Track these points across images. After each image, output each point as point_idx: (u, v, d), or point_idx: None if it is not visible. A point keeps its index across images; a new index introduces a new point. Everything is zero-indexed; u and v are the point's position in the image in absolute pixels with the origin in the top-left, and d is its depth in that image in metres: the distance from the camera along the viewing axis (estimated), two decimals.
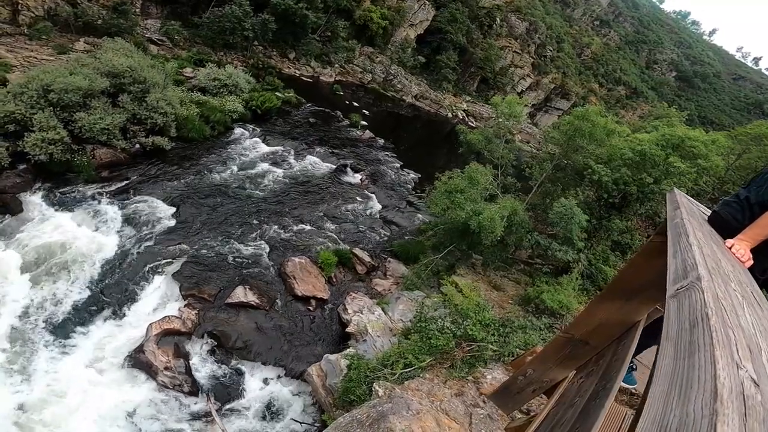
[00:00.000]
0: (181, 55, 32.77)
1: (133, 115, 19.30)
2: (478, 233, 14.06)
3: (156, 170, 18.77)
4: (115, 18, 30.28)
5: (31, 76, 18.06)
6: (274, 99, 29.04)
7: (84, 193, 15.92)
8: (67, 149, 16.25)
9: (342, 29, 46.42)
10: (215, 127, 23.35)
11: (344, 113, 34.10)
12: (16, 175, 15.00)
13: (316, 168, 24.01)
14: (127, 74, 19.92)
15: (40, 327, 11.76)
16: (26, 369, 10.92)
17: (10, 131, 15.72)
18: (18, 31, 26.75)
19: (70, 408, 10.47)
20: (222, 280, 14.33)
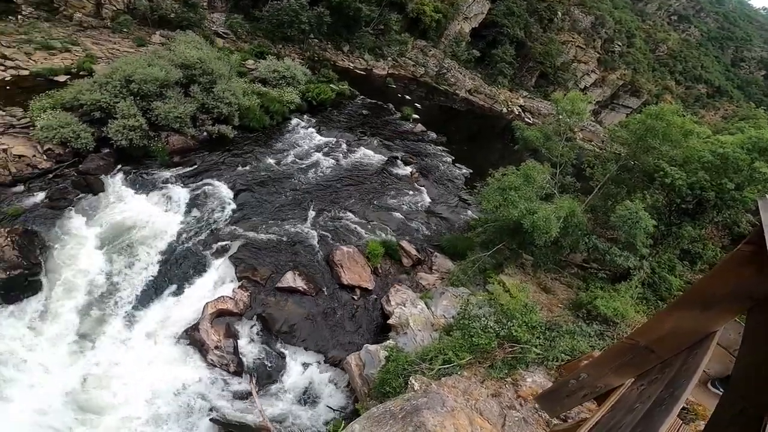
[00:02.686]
0: (243, 47, 34.47)
1: (202, 105, 20.69)
2: (530, 233, 13.56)
3: (220, 157, 20.04)
4: (186, 12, 32.46)
5: (114, 68, 19.90)
6: (328, 91, 29.78)
7: (157, 177, 17.36)
8: (144, 135, 17.84)
9: (395, 22, 46.33)
10: (274, 117, 24.41)
11: (396, 106, 34.17)
12: (100, 158, 16.70)
13: (368, 159, 24.33)
14: (198, 66, 21.35)
15: (110, 301, 12.99)
16: (95, 340, 12.16)
17: (96, 118, 17.52)
18: (102, 24, 29.46)
19: (127, 381, 11.50)
20: (274, 265, 14.93)
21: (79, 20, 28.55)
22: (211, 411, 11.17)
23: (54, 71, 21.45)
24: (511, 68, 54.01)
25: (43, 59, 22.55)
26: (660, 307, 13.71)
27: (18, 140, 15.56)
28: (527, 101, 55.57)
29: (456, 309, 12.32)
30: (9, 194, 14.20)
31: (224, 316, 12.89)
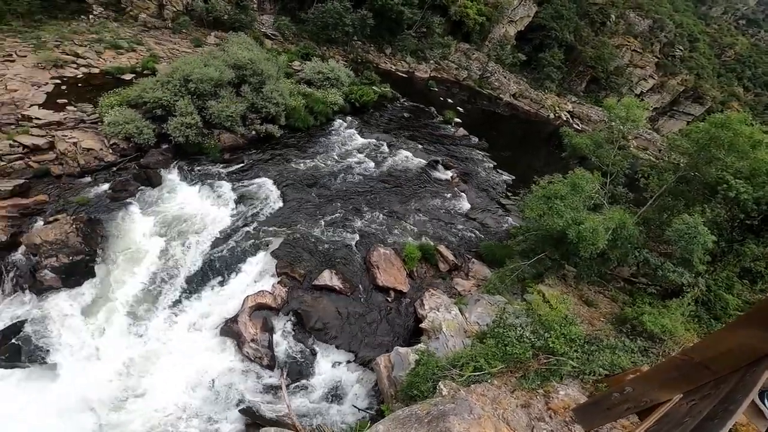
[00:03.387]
0: (290, 49, 35.64)
1: (252, 105, 21.61)
2: (575, 244, 13.05)
3: (267, 155, 20.85)
4: (238, 13, 34.02)
5: (174, 67, 21.20)
6: (371, 93, 30.16)
7: (209, 172, 18.35)
8: (199, 133, 18.92)
9: (437, 25, 46.07)
10: (318, 117, 25.07)
11: (438, 109, 33.99)
12: (159, 153, 17.90)
13: (408, 162, 24.37)
14: (248, 66, 22.29)
15: (160, 289, 13.82)
16: (142, 326, 13.01)
17: (158, 115, 18.76)
18: (163, 24, 31.46)
19: (167, 366, 12.17)
20: (312, 262, 15.27)
21: (144, 21, 30.69)
22: (241, 402, 11.58)
23: (121, 70, 23.18)
24: (560, 72, 52.11)
25: (111, 58, 24.47)
26: (714, 326, 12.93)
27: (87, 134, 17.01)
28: (576, 107, 53.29)
29: (491, 317, 12.16)
30: (77, 185, 15.55)
31: (262, 310, 13.30)
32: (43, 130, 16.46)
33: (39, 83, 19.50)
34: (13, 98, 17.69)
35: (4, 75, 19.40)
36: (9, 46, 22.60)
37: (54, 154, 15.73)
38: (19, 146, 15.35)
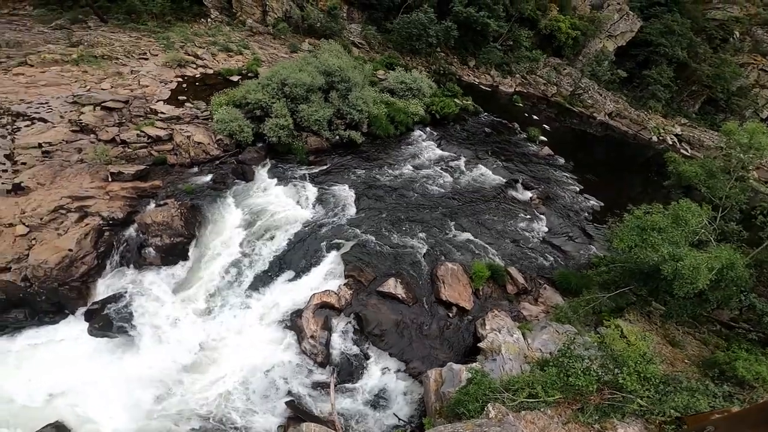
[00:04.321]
0: (375, 58, 36.65)
1: (338, 110, 22.51)
2: (669, 281, 11.93)
3: (348, 160, 21.56)
4: (329, 21, 35.81)
5: (274, 71, 22.82)
6: (452, 105, 29.82)
7: (295, 172, 19.45)
8: (290, 134, 20.14)
9: (525, 38, 44.30)
10: (398, 127, 25.35)
11: (522, 126, 32.47)
12: (255, 151, 19.36)
13: (485, 179, 23.63)
14: (337, 73, 23.26)
15: (239, 277, 14.77)
16: (219, 310, 13.96)
17: (256, 116, 20.33)
18: (266, 30, 34.10)
19: (231, 351, 12.94)
20: (379, 269, 15.45)
21: (250, 26, 33.59)
22: (289, 394, 12.02)
23: (230, 71, 25.56)
24: (668, 91, 46.84)
25: (223, 60, 27.16)
26: None
27: (199, 129, 18.96)
28: (686, 130, 47.55)
29: (556, 345, 11.75)
30: (186, 174, 17.37)
31: (325, 308, 13.73)
32: (165, 123, 18.72)
33: (165, 80, 22.29)
34: (145, 93, 20.40)
35: (139, 72, 22.48)
36: (144, 45, 26.16)
37: (171, 145, 17.79)
38: (145, 136, 17.60)
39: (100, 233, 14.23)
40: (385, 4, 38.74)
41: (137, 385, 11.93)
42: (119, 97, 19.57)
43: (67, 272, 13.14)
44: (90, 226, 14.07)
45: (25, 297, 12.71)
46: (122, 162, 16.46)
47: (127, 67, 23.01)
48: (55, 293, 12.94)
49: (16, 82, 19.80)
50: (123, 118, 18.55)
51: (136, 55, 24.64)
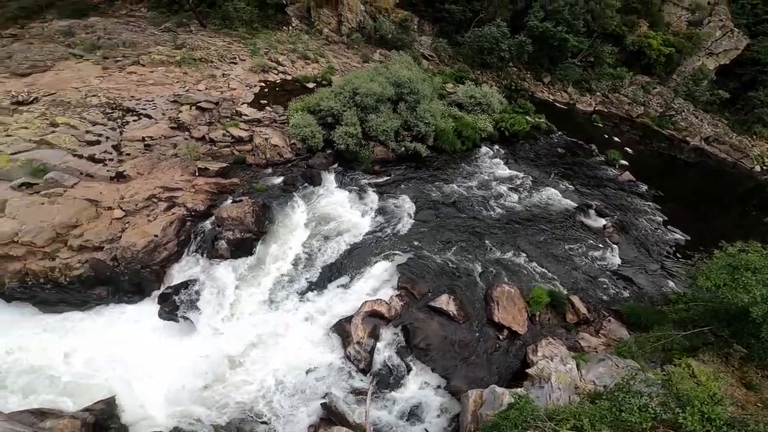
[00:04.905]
0: (445, 70, 36.46)
1: (405, 122, 22.70)
2: (758, 324, 11.08)
3: (411, 173, 21.64)
4: (400, 33, 36.34)
5: (346, 80, 23.63)
6: (523, 122, 28.76)
7: (360, 180, 19.95)
8: (358, 143, 20.69)
9: (608, 55, 41.49)
10: (465, 142, 24.94)
11: (600, 148, 30.27)
12: (323, 157, 20.16)
13: (554, 202, 22.42)
14: (407, 85, 23.51)
15: (297, 277, 15.45)
16: (273, 306, 14.61)
17: (328, 122, 21.17)
18: (341, 39, 35.42)
19: (277, 347, 13.52)
20: (433, 283, 15.38)
21: (326, 35, 35.13)
22: (326, 396, 12.24)
23: (307, 78, 26.94)
24: None
25: (301, 67, 28.72)
26: None
27: (276, 133, 20.18)
28: None
29: (613, 379, 11.39)
30: (260, 174, 18.54)
31: (375, 317, 13.93)
32: (248, 125, 20.22)
33: (250, 84, 24.09)
34: (232, 96, 22.21)
35: (229, 75, 24.50)
36: (235, 50, 28.48)
37: (251, 146, 19.13)
38: (229, 136, 19.13)
39: (183, 223, 15.60)
40: (456, 18, 38.56)
41: (188, 369, 12.84)
42: (211, 98, 21.47)
43: (150, 256, 14.52)
44: (175, 215, 15.48)
45: (111, 276, 14.20)
46: (208, 159, 18.02)
47: (220, 71, 25.17)
48: (137, 275, 14.34)
49: (128, 79, 22.50)
50: (213, 118, 20.32)
51: (228, 60, 26.86)
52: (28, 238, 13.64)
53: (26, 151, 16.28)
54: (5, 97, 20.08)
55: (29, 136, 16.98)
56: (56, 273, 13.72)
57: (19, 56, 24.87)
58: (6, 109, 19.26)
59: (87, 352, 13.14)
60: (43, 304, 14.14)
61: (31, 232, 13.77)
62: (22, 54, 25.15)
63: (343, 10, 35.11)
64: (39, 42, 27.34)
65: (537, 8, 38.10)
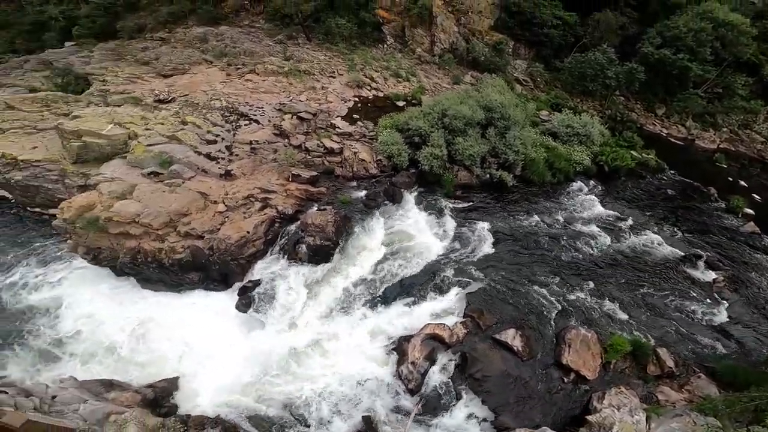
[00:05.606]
0: (540, 96, 34.69)
1: (493, 148, 22.07)
2: None
3: (494, 201, 20.99)
4: (494, 56, 35.34)
5: (436, 101, 23.73)
6: (627, 158, 26.17)
7: (440, 203, 19.89)
8: (442, 165, 20.63)
9: (741, 86, 35.97)
10: (556, 174, 23.47)
11: (721, 192, 26.17)
12: (406, 176, 20.48)
13: (655, 248, 20.02)
14: (498, 110, 22.90)
15: (365, 290, 15.92)
16: (337, 316, 15.11)
17: (414, 142, 21.43)
18: (432, 60, 35.56)
19: (334, 354, 13.97)
20: (502, 316, 14.98)
21: (419, 55, 35.66)
22: (369, 410, 12.43)
23: (397, 96, 27.57)
24: None
25: (392, 85, 29.52)
26: None
27: (364, 147, 21.04)
28: None
29: None
30: (346, 186, 19.48)
31: (435, 340, 13.91)
32: (339, 138, 21.39)
33: (345, 99, 25.45)
34: (329, 108, 23.69)
35: (327, 88, 26.20)
36: (334, 65, 30.38)
37: (340, 158, 20.21)
38: (322, 147, 20.44)
39: (272, 224, 16.92)
40: (556, 42, 36.58)
41: (247, 362, 13.73)
42: (311, 109, 23.12)
43: (240, 250, 15.96)
44: (267, 216, 16.87)
45: (205, 263, 15.85)
46: (302, 166, 19.42)
47: (320, 83, 27.01)
48: (226, 265, 15.84)
49: (245, 86, 25.26)
50: (309, 128, 21.87)
51: (327, 73, 28.73)
52: (147, 220, 15.86)
53: (159, 144, 19.06)
54: (150, 95, 23.83)
55: (163, 131, 19.86)
56: (162, 254, 15.73)
57: (164, 59, 29.32)
58: (150, 106, 22.84)
59: (165, 330, 14.78)
60: (144, 280, 16.30)
61: (150, 215, 16.00)
62: (167, 57, 29.58)
63: (436, 30, 35.47)
64: (181, 46, 31.87)
65: (653, 34, 34.79)
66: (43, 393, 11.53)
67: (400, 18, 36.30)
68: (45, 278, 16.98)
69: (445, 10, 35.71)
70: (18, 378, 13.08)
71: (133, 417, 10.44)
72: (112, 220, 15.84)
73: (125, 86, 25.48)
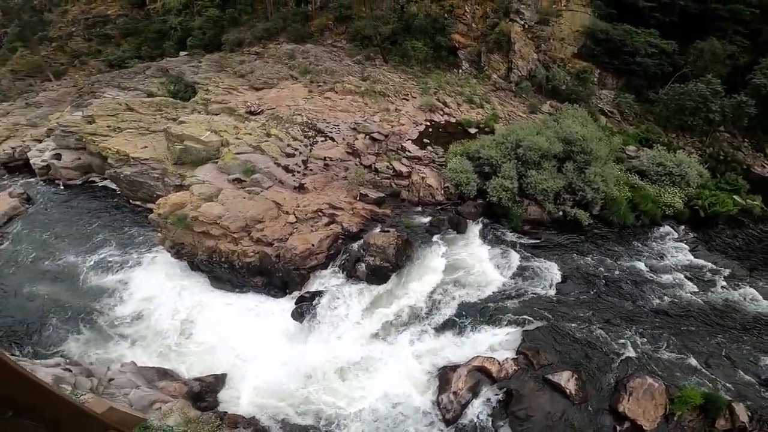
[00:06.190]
0: (627, 130, 32.07)
1: (569, 184, 20.80)
2: None
3: (565, 240, 19.76)
4: (577, 85, 33.29)
5: (510, 130, 22.98)
6: (728, 203, 23.15)
7: (505, 237, 19.23)
8: (511, 198, 19.88)
9: None
10: (641, 217, 21.41)
11: None
12: (472, 206, 20.10)
13: (749, 303, 17.53)
14: (578, 143, 21.56)
15: (419, 314, 15.83)
16: (386, 338, 15.14)
17: (484, 172, 20.95)
18: (508, 87, 34.53)
19: (374, 377, 13.87)
20: (559, 357, 14.32)
21: (494, 81, 34.89)
22: None
23: (469, 123, 27.13)
24: None
25: (465, 111, 29.13)
26: None
27: (432, 173, 21.06)
28: None
29: None
30: (411, 210, 19.66)
31: (481, 373, 13.56)
32: (409, 161, 21.68)
33: (417, 122, 25.75)
34: (401, 131, 24.16)
35: (400, 111, 26.73)
36: (408, 87, 30.94)
37: (407, 182, 20.46)
38: (391, 169, 20.87)
39: (336, 239, 17.53)
40: (650, 71, 33.53)
41: (291, 369, 14.11)
42: (383, 130, 23.75)
43: (303, 261, 16.70)
44: (332, 231, 17.53)
45: (270, 269, 16.80)
46: (370, 186, 19.98)
47: (393, 105, 27.66)
48: (288, 274, 16.64)
49: (324, 104, 26.75)
50: (380, 149, 22.46)
51: (401, 95, 29.33)
52: (227, 223, 17.29)
53: (245, 153, 20.83)
54: (243, 106, 26.20)
55: (250, 141, 21.69)
56: (234, 256, 16.98)
57: (257, 72, 32.07)
58: (241, 117, 25.12)
59: (221, 327, 15.63)
60: (215, 278, 17.63)
61: (230, 219, 17.44)
62: (260, 71, 32.30)
63: (514, 57, 34.49)
64: (272, 61, 34.66)
65: (766, 64, 30.61)
66: (103, 375, 12.29)
67: (476, 43, 36.06)
68: (123, 262, 19.03)
69: (525, 36, 34.85)
70: (75, 353, 14.58)
71: (177, 408, 10.77)
72: (197, 220, 17.50)
73: (223, 96, 28.32)
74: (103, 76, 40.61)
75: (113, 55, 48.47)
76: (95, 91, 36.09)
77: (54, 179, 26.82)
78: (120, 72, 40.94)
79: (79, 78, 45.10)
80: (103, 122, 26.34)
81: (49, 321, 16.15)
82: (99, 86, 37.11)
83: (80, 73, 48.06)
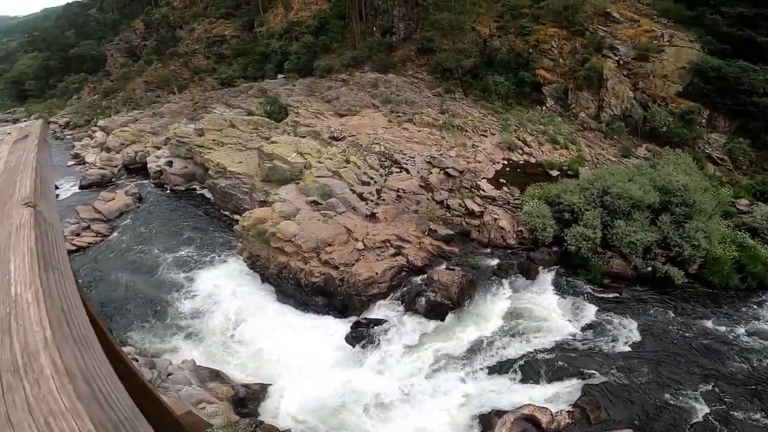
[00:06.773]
0: (740, 181, 28.16)
1: (664, 238, 18.69)
2: None
3: (650, 297, 17.72)
4: (680, 127, 29.84)
5: (598, 175, 21.44)
6: None
7: (580, 288, 17.79)
8: (593, 249, 18.38)
9: None
10: (747, 279, 18.44)
11: None
12: (547, 253, 18.98)
13: None
14: (678, 193, 19.41)
15: (474, 356, 15.20)
16: (434, 375, 14.54)
17: (563, 218, 19.72)
18: (598, 127, 32.10)
19: (418, 414, 13.31)
20: (621, 415, 12.87)
21: (582, 120, 32.71)
22: None
23: (551, 165, 25.76)
24: None
25: (547, 151, 27.78)
26: None
27: (506, 215, 20.44)
28: None
29: None
30: (478, 251, 19.20)
31: (529, 422, 12.47)
32: (482, 201, 21.34)
33: (494, 160, 25.31)
34: (476, 168, 23.94)
35: (478, 147, 26.51)
36: (488, 123, 30.49)
37: (479, 222, 20.08)
38: (464, 207, 20.67)
39: (400, 271, 17.72)
40: None
41: (335, 391, 14.00)
42: (458, 166, 23.70)
43: (365, 288, 17.03)
44: (397, 263, 17.76)
45: (333, 292, 17.31)
46: (440, 222, 19.95)
47: (471, 141, 27.49)
48: (349, 298, 17.03)
49: (402, 135, 27.55)
50: (454, 185, 22.42)
51: (479, 131, 29.00)
52: (300, 242, 18.38)
53: (324, 177, 22.18)
54: (327, 131, 28.06)
55: (330, 166, 23.08)
56: (302, 275, 17.85)
57: (342, 99, 34.20)
58: (325, 141, 26.90)
59: (276, 339, 16.09)
60: (281, 293, 18.56)
61: (303, 238, 18.53)
62: (344, 97, 34.40)
63: (606, 95, 32.12)
64: (356, 89, 36.63)
65: None
66: (163, 369, 12.67)
67: (563, 79, 34.56)
68: (199, 262, 20.97)
69: (619, 73, 32.69)
70: (138, 340, 15.95)
71: (221, 411, 11.05)
72: (275, 236, 18.89)
73: (311, 120, 30.64)
74: (215, 93, 46.28)
75: (225, 74, 54.29)
76: (207, 106, 41.32)
77: (163, 183, 30.98)
78: (229, 90, 46.29)
79: (196, 93, 51.48)
80: (210, 136, 29.97)
81: (126, 306, 18.26)
82: (211, 102, 42.41)
83: (198, 88, 54.74)
